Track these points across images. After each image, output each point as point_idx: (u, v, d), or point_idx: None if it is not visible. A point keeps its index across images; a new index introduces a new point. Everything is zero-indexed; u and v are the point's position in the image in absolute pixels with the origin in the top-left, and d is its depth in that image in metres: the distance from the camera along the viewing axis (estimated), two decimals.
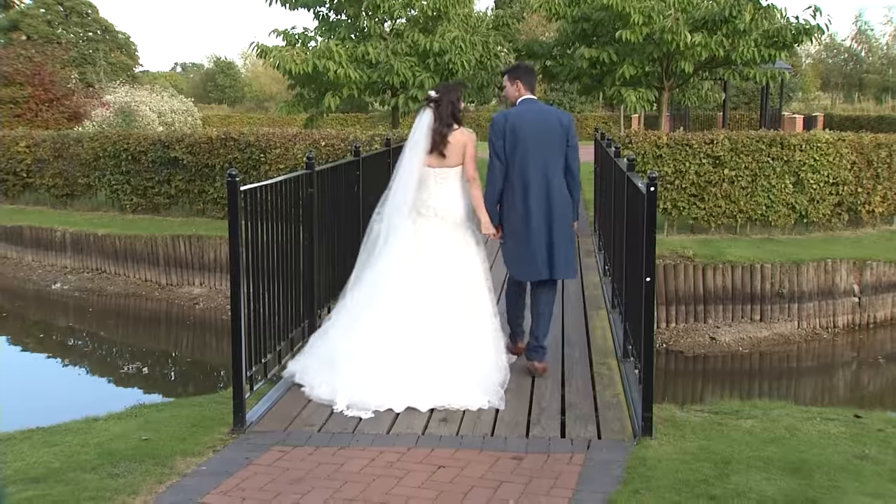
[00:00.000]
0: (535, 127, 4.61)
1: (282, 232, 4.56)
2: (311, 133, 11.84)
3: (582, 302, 6.53)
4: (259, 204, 4.19)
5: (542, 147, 4.60)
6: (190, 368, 9.16)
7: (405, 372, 4.25)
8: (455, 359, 4.33)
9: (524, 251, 4.64)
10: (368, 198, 6.55)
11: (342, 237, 5.86)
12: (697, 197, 10.42)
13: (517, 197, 4.62)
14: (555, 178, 4.62)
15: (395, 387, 4.21)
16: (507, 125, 4.61)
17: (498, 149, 4.62)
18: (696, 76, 15.11)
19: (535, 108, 4.69)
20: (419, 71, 13.83)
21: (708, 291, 9.40)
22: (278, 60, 13.29)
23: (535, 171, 4.59)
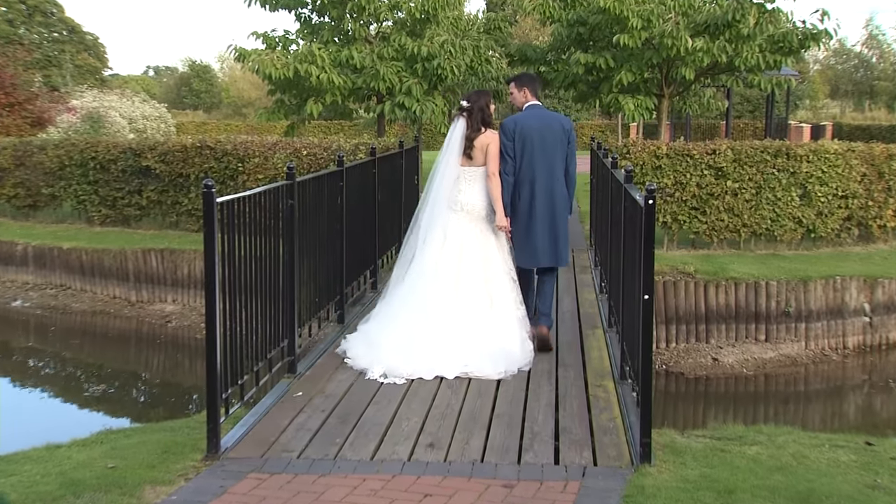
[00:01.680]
0: (541, 130, 5.56)
1: (260, 246, 4.58)
2: (292, 141, 11.87)
3: (577, 320, 6.56)
4: (236, 216, 4.21)
5: (547, 148, 5.54)
6: (161, 391, 9.11)
7: (433, 345, 5.18)
8: (476, 334, 5.24)
9: (529, 242, 5.59)
10: (352, 210, 6.58)
11: (324, 251, 5.88)
12: (699, 210, 10.51)
13: (524, 193, 5.55)
14: (558, 176, 5.57)
15: (423, 358, 5.13)
16: (516, 128, 5.56)
17: (509, 149, 5.55)
18: (697, 83, 15.24)
19: (540, 113, 5.69)
20: (406, 76, 13.90)
21: (710, 310, 9.46)
22: (257, 64, 13.32)
23: (542, 170, 5.53)
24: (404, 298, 5.50)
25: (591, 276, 8.32)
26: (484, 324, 5.34)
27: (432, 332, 5.25)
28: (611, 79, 13.78)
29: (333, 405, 4.69)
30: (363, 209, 7.11)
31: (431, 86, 14.24)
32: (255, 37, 14.65)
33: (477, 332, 5.29)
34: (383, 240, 7.94)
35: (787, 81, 14.82)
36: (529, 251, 5.62)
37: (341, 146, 10.93)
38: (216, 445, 4.02)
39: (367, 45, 14.78)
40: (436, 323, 5.28)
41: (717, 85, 16.62)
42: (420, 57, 13.74)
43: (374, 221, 7.49)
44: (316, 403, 4.73)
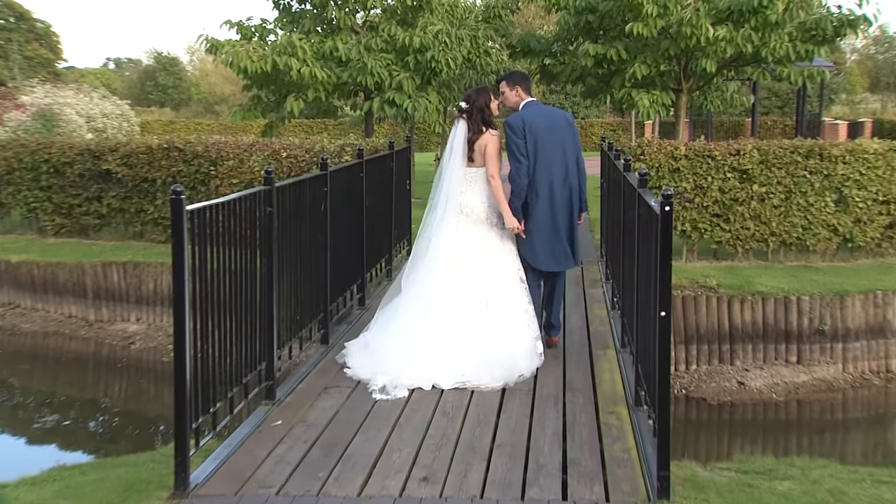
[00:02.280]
0: (549, 126, 5.86)
1: (235, 258, 4.61)
2: (271, 142, 11.92)
3: (587, 340, 6.60)
4: (208, 225, 4.23)
5: (558, 144, 5.85)
6: (122, 421, 9.10)
7: (432, 353, 5.48)
8: (474, 342, 5.53)
9: (551, 243, 5.90)
10: (337, 218, 6.61)
11: (307, 264, 5.91)
12: (721, 217, 10.56)
13: (542, 192, 5.83)
14: (572, 172, 5.91)
15: (423, 366, 5.43)
16: (525, 126, 5.79)
17: (521, 148, 5.78)
18: (719, 76, 15.32)
19: (543, 110, 6.03)
20: (397, 70, 13.97)
21: (735, 328, 9.50)
22: (231, 57, 13.39)
23: (558, 167, 5.85)
24: (405, 305, 5.82)
25: (602, 290, 8.35)
26: (483, 331, 5.62)
27: (431, 339, 5.56)
28: (623, 72, 13.86)
29: (316, 435, 4.71)
30: (350, 217, 7.14)
31: (424, 80, 14.33)
32: (228, 26, 14.75)
33: (474, 339, 5.57)
34: (372, 251, 7.96)
35: (821, 73, 14.84)
36: (552, 254, 5.94)
37: (325, 147, 10.98)
38: (185, 482, 4.03)
39: (354, 35, 14.86)
40: (434, 330, 5.59)
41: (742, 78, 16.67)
42: (412, 48, 13.81)
43: (362, 231, 7.52)
44: (297, 433, 4.74)
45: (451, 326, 5.61)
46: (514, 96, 6.04)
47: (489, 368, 5.48)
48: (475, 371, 5.46)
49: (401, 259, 9.69)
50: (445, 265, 5.81)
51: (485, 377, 5.45)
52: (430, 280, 5.79)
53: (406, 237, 9.96)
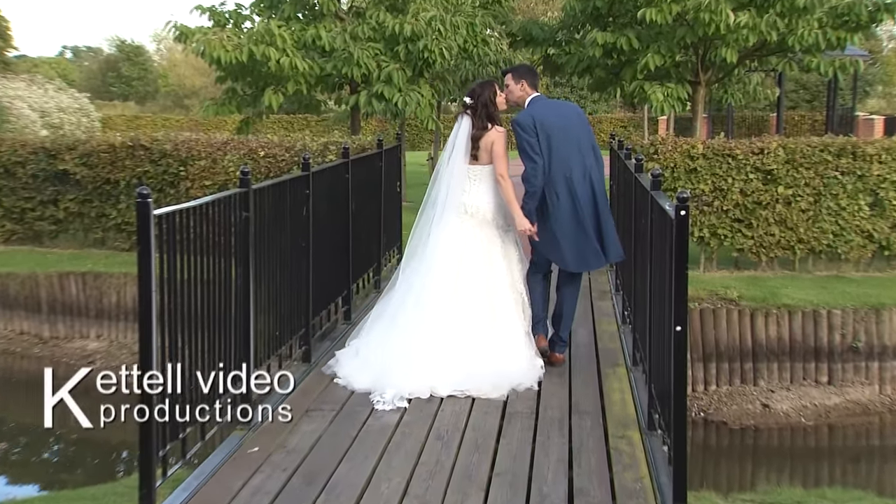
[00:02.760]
0: (560, 121, 6.04)
1: (208, 268, 4.62)
2: (247, 140, 11.94)
3: (595, 357, 6.61)
4: (178, 231, 4.25)
5: (573, 138, 6.03)
6: (80, 450, 9.07)
7: (430, 361, 5.67)
8: (476, 349, 5.75)
9: (577, 244, 6.01)
10: (321, 223, 6.63)
11: (287, 274, 5.92)
12: (743, 222, 10.60)
13: (561, 191, 5.96)
14: (591, 165, 6.05)
15: (421, 374, 5.60)
16: (535, 123, 5.96)
17: (534, 146, 5.94)
18: (741, 67, 15.39)
19: (550, 104, 6.26)
20: (385, 61, 14.01)
21: (758, 344, 9.53)
22: (203, 46, 13.41)
23: (576, 162, 5.99)
24: (402, 310, 6.00)
25: (612, 302, 8.37)
26: (485, 338, 5.85)
27: (429, 345, 5.76)
28: (635, 63, 13.90)
29: (297, 462, 4.71)
30: (334, 223, 7.15)
31: (416, 72, 14.36)
32: (199, 11, 14.78)
33: (476, 346, 5.80)
34: (359, 260, 7.98)
35: (854, 64, 14.86)
36: (586, 253, 6.06)
37: (307, 146, 11.01)
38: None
39: (338, 22, 14.90)
40: (433, 335, 5.78)
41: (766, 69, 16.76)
42: (402, 37, 13.85)
43: (348, 238, 7.53)
44: (276, 461, 4.75)
45: (451, 332, 5.81)
46: (519, 90, 6.22)
47: (489, 377, 5.68)
48: (475, 379, 5.65)
49: (391, 268, 9.69)
50: (446, 267, 5.99)
51: (484, 386, 5.63)
52: (430, 283, 5.96)
53: (396, 244, 9.97)
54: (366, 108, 14.27)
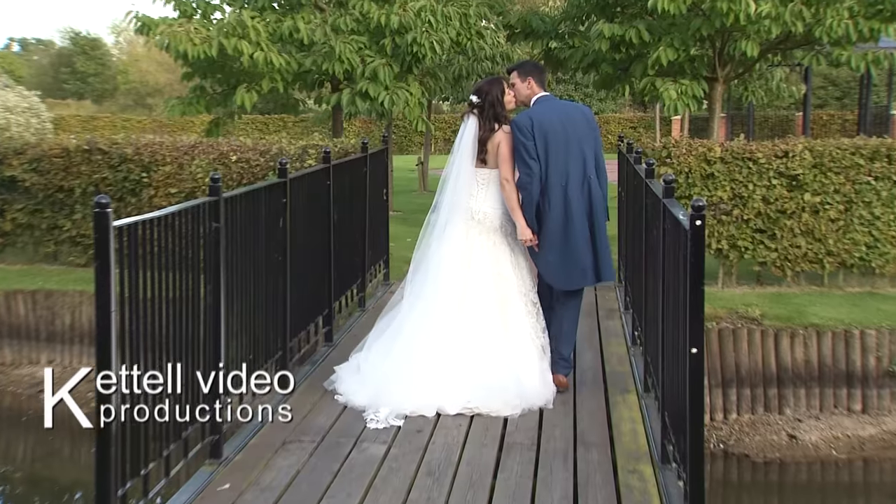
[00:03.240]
0: (564, 124, 6.24)
1: (174, 284, 4.63)
2: (217, 143, 11.93)
3: (602, 382, 6.62)
4: (141, 245, 4.26)
5: (574, 144, 6.23)
6: (29, 490, 9.04)
7: (435, 376, 5.91)
8: (484, 363, 5.97)
9: (571, 257, 6.23)
10: (299, 235, 6.64)
11: (261, 291, 5.93)
12: (766, 233, 10.63)
13: (556, 200, 6.19)
14: (592, 175, 6.27)
15: (424, 391, 5.85)
16: (534, 124, 6.17)
17: (531, 150, 6.16)
18: (763, 61, 15.46)
19: (555, 105, 6.43)
20: (370, 55, 14.03)
21: (784, 368, 9.54)
22: (167, 39, 13.41)
23: (574, 170, 6.22)
24: (406, 322, 6.26)
25: (621, 322, 8.40)
26: (495, 352, 6.06)
27: (435, 360, 5.98)
28: (645, 57, 13.97)
29: (272, 501, 4.71)
30: (314, 235, 7.17)
31: (405, 68, 14.39)
32: (164, 1, 14.79)
33: (485, 361, 6.01)
34: (341, 276, 7.99)
35: (889, 57, 14.75)
36: (571, 269, 6.29)
37: (284, 149, 11.02)
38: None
39: (318, 13, 14.93)
40: (439, 350, 6.01)
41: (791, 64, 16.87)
42: (389, 29, 13.88)
43: (329, 251, 7.54)
44: (248, 499, 4.74)
45: (458, 345, 6.03)
46: (525, 89, 6.45)
47: (501, 394, 5.89)
48: (485, 396, 5.88)
49: (376, 284, 9.72)
50: (453, 277, 6.23)
51: (494, 403, 5.86)
52: (435, 294, 6.21)
53: (383, 258, 9.99)
54: (349, 107, 14.27)
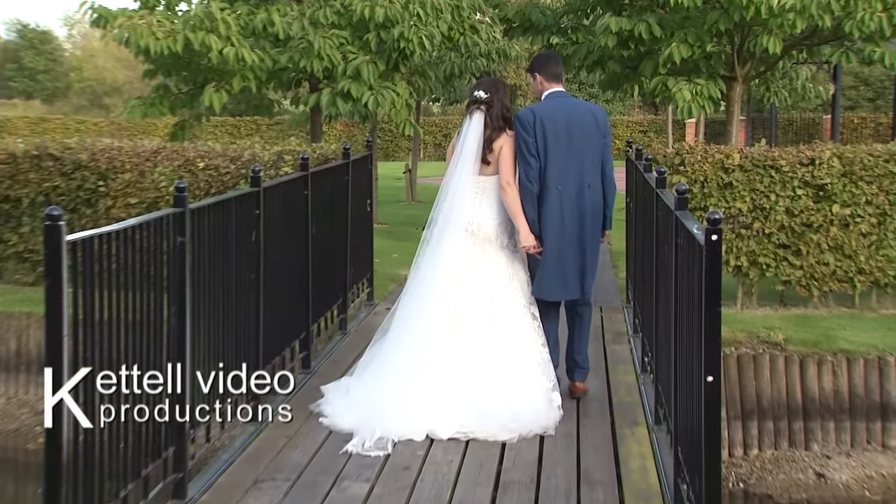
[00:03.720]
0: (568, 123, 6.57)
1: (134, 305, 4.62)
2: (183, 148, 11.92)
3: (608, 413, 6.63)
4: (97, 261, 4.26)
5: (577, 147, 6.56)
6: None
7: (426, 399, 6.11)
8: (479, 385, 6.19)
9: (556, 267, 6.57)
10: (273, 250, 6.65)
11: (231, 313, 5.92)
12: (790, 249, 10.64)
13: (551, 204, 6.54)
14: (590, 182, 6.61)
15: (416, 415, 6.05)
16: (536, 121, 6.52)
17: (531, 146, 6.52)
18: (786, 59, 15.51)
19: (566, 103, 6.75)
20: (353, 52, 14.05)
21: (810, 399, 9.53)
22: (127, 32, 13.41)
23: (572, 174, 6.55)
24: (394, 343, 6.50)
25: (630, 347, 8.41)
26: (491, 374, 6.28)
27: (426, 383, 6.19)
28: (656, 54, 14.01)
29: None
30: (290, 249, 7.17)
31: (391, 66, 14.41)
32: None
33: (478, 383, 6.23)
34: (320, 295, 7.99)
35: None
36: (558, 279, 6.63)
37: (257, 155, 11.02)
38: None
39: (296, 4, 14.97)
40: (430, 371, 6.23)
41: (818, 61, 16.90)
42: (374, 23, 13.90)
43: (307, 267, 7.55)
44: None
45: (451, 367, 6.26)
46: (536, 85, 6.87)
47: (497, 417, 6.07)
48: (479, 420, 6.06)
49: (359, 305, 9.71)
50: (443, 294, 6.45)
51: (491, 427, 6.04)
52: (424, 313, 6.43)
53: (366, 275, 9.99)
54: (329, 109, 14.29)
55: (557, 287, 6.66)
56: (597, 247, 6.80)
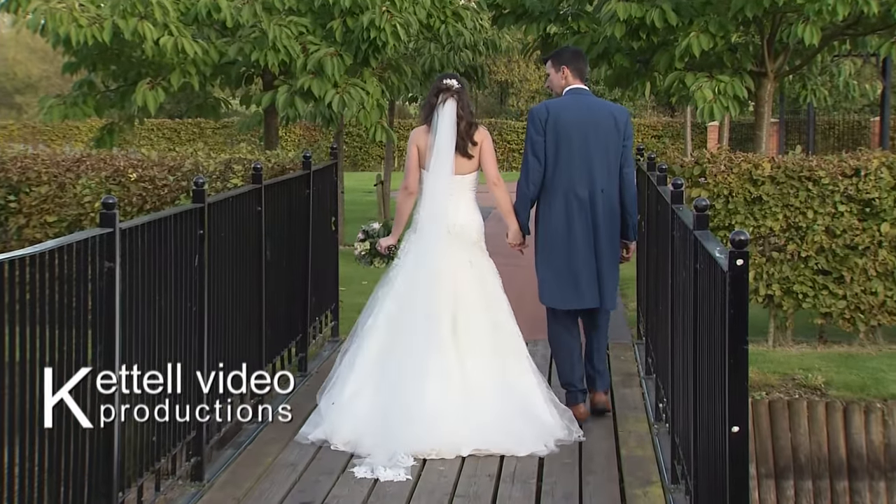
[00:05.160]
0: (584, 123, 7.12)
1: (52, 344, 4.61)
2: (111, 157, 11.90)
3: (617, 470, 6.62)
4: (7, 291, 4.24)
5: (591, 148, 7.11)
6: None
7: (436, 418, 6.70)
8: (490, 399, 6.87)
9: (565, 274, 7.17)
10: (220, 277, 6.63)
11: (170, 350, 5.90)
12: (831, 275, 10.65)
13: (558, 207, 7.13)
14: (606, 187, 7.15)
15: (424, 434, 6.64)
16: (548, 119, 7.09)
17: (537, 146, 7.11)
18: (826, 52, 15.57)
19: (585, 101, 7.28)
20: (315, 43, 14.03)
21: (855, 454, 9.53)
22: (44, 19, 13.39)
23: (583, 179, 7.10)
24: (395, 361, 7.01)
25: (641, 391, 8.41)
26: (499, 386, 6.97)
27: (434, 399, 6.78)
28: (672, 46, 14.03)
29: None
30: (240, 276, 7.16)
31: (359, 59, 14.40)
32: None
33: (490, 396, 6.90)
34: (275, 330, 7.97)
35: None
36: (568, 286, 7.24)
37: (201, 165, 11.02)
38: None
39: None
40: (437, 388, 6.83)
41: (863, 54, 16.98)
42: (339, 8, 13.91)
43: (260, 298, 7.54)
44: None
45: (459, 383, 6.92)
46: (559, 79, 7.39)
47: (513, 431, 6.76)
48: (496, 435, 6.74)
49: (322, 341, 9.68)
50: (441, 304, 7.06)
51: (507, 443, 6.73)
52: (423, 328, 7.01)
53: (331, 307, 9.96)
54: (286, 110, 14.28)
55: (569, 296, 7.23)
56: (616, 253, 7.33)
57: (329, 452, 6.75)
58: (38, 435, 4.48)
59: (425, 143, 7.23)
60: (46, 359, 4.56)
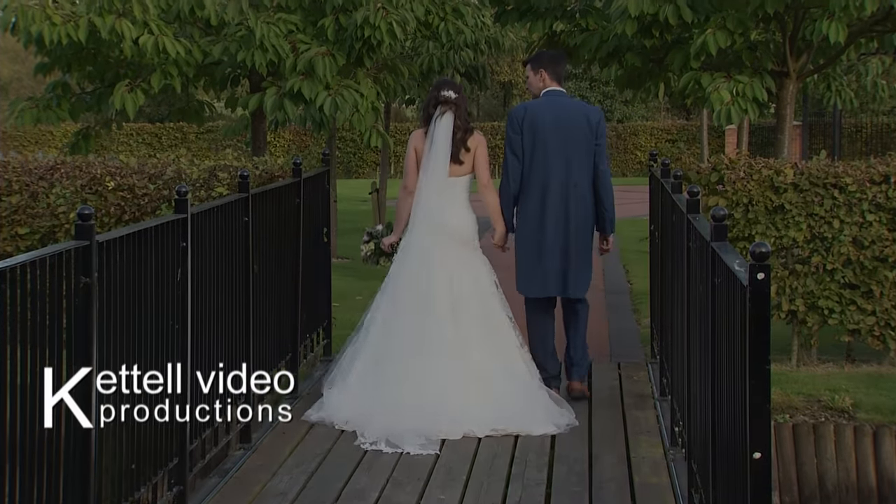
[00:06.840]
0: (557, 123, 8.20)
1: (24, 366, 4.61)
2: (87, 164, 11.90)
3: (630, 499, 6.61)
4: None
5: (564, 146, 8.20)
6: None
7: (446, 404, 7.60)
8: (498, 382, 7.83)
9: (536, 263, 8.27)
10: (204, 293, 6.63)
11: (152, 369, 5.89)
12: (859, 290, 10.65)
13: (533, 202, 8.26)
14: (578, 183, 8.24)
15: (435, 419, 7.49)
16: (525, 118, 8.22)
17: (515, 145, 8.25)
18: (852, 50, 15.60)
19: (559, 102, 8.40)
20: (305, 42, 14.05)
21: (887, 481, 9.53)
22: (14, 16, 13.39)
23: (556, 173, 8.20)
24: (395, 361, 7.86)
25: (656, 413, 8.42)
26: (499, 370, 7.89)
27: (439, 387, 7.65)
28: (687, 44, 14.05)
29: None
30: (225, 292, 7.16)
31: (353, 60, 14.41)
32: None
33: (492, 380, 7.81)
34: (263, 349, 7.97)
35: None
36: (538, 276, 8.35)
37: (183, 172, 11.03)
38: None
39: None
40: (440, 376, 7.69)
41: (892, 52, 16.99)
42: (332, 5, 13.93)
43: (246, 315, 7.54)
44: None
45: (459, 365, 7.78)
46: (537, 82, 8.48)
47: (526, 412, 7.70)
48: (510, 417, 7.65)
49: (313, 361, 9.68)
50: (440, 303, 7.95)
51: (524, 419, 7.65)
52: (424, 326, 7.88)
53: (323, 324, 9.97)
54: (274, 113, 14.28)
55: (537, 284, 8.38)
56: (587, 243, 8.39)
57: (321, 480, 6.72)
58: (8, 462, 4.48)
59: (423, 146, 8.18)
60: (17, 382, 4.56)
